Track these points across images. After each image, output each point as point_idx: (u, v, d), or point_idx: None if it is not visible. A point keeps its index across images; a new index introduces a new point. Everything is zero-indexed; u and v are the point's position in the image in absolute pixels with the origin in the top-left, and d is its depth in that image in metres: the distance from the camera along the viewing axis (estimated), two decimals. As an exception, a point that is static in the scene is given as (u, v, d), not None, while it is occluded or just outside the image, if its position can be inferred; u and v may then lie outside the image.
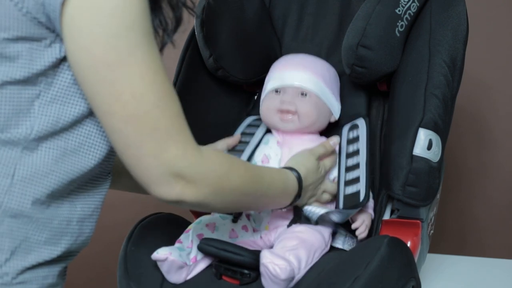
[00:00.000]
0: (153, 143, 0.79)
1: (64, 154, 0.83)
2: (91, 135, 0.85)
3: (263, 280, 1.02)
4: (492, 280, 1.36)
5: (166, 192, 0.82)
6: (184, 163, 0.82)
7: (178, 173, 0.81)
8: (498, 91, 1.86)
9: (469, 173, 1.91)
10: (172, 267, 1.06)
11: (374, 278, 0.98)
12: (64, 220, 0.85)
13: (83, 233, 0.88)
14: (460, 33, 1.23)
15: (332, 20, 1.43)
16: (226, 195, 0.90)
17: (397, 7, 1.24)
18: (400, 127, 1.18)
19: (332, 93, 1.29)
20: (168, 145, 0.80)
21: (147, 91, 0.78)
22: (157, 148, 0.80)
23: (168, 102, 0.81)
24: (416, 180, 1.13)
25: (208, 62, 1.36)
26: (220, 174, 0.88)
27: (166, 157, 0.80)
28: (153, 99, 0.79)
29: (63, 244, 0.85)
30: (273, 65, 1.35)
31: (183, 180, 0.82)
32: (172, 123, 0.81)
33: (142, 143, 0.79)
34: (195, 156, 0.83)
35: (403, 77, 1.23)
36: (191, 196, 0.84)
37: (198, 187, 0.84)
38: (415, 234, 1.16)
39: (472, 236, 1.94)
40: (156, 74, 0.79)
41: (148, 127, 0.79)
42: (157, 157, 0.80)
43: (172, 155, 0.81)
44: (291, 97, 1.25)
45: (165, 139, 0.80)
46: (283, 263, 1.00)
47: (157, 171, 0.81)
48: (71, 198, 0.86)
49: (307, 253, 1.07)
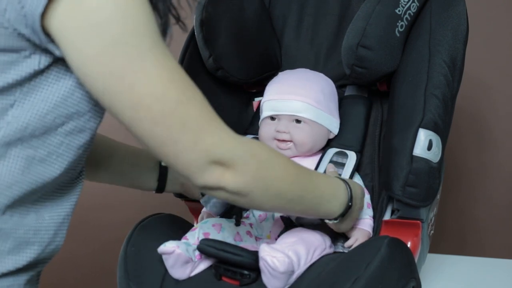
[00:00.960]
0: (187, 137, 0.79)
1: (31, 163, 0.80)
2: (62, 145, 0.82)
3: (263, 276, 1.02)
4: (492, 280, 1.36)
5: (206, 179, 0.82)
6: (221, 149, 0.82)
7: (217, 160, 0.82)
8: (498, 91, 1.87)
9: (469, 173, 1.91)
10: (178, 261, 1.07)
11: (374, 278, 0.98)
12: (31, 230, 0.83)
13: (53, 241, 0.86)
14: (460, 33, 1.22)
15: (332, 20, 1.43)
16: (268, 184, 0.88)
17: (397, 7, 1.24)
18: (400, 127, 1.17)
19: (329, 112, 1.29)
20: (202, 135, 0.80)
21: (168, 89, 0.78)
22: (191, 142, 0.80)
23: (190, 95, 0.81)
24: (416, 181, 1.13)
25: (208, 62, 1.36)
26: (261, 160, 0.86)
27: (202, 147, 0.80)
28: (176, 96, 0.79)
29: (29, 253, 0.83)
30: (268, 85, 1.34)
31: (223, 166, 0.82)
32: (200, 114, 0.81)
33: (175, 140, 0.79)
34: (233, 141, 0.83)
35: (403, 77, 1.23)
36: (231, 182, 0.83)
37: (238, 173, 0.83)
38: (415, 234, 1.16)
39: (472, 236, 1.94)
40: (172, 71, 0.79)
41: (178, 124, 0.79)
42: (193, 150, 0.80)
43: (208, 143, 0.81)
44: (285, 125, 1.26)
45: (197, 131, 0.80)
46: (281, 256, 1.00)
47: (196, 163, 0.81)
48: (36, 208, 0.84)
49: (306, 249, 1.07)
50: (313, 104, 1.26)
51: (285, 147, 1.27)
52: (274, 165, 0.89)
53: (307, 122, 1.26)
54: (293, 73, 1.36)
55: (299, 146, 1.26)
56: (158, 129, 0.79)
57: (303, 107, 1.26)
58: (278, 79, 1.34)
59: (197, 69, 1.39)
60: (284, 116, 1.27)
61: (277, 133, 1.27)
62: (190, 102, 0.80)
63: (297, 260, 1.04)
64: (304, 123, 1.26)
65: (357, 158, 1.27)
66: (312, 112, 1.26)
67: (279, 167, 0.90)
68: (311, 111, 1.26)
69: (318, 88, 1.29)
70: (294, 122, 1.26)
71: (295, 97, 1.26)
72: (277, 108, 1.27)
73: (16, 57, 0.77)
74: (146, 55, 0.76)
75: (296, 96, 1.26)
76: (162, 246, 1.07)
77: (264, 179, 0.87)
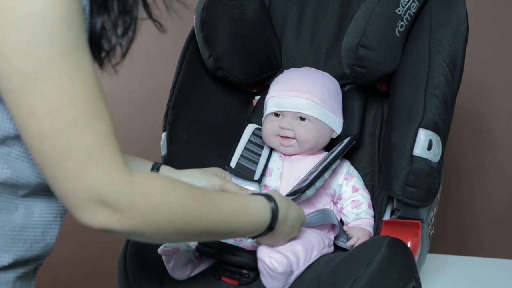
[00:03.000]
0: (71, 164, 0.72)
1: (7, 160, 0.78)
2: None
3: (262, 277, 1.02)
4: (492, 280, 1.36)
5: (89, 219, 0.75)
6: (107, 188, 0.73)
7: (102, 200, 0.73)
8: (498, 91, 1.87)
9: (469, 173, 1.91)
10: (178, 262, 1.07)
11: (374, 278, 0.98)
12: (17, 227, 0.81)
13: (41, 240, 0.84)
14: (460, 33, 1.22)
15: (331, 20, 1.43)
16: (163, 226, 0.79)
17: (397, 7, 1.24)
18: (400, 127, 1.17)
19: (332, 111, 1.29)
20: (88, 167, 0.72)
21: (66, 106, 0.71)
22: (75, 170, 0.72)
23: (92, 120, 0.72)
24: (416, 181, 1.13)
25: (208, 62, 1.37)
26: (154, 203, 0.77)
27: (85, 181, 0.72)
28: (73, 116, 0.71)
29: (15, 251, 0.80)
30: (273, 82, 1.34)
31: (108, 208, 0.74)
32: (94, 144, 0.73)
33: (58, 163, 0.72)
34: (122, 181, 0.74)
35: (403, 77, 1.23)
36: (118, 225, 0.75)
37: (126, 217, 0.75)
38: (415, 234, 1.16)
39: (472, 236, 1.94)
40: (80, 89, 0.72)
41: (65, 146, 0.71)
42: (75, 181, 0.72)
43: (93, 179, 0.72)
44: (289, 122, 1.26)
45: (84, 161, 0.72)
46: (280, 256, 1.00)
47: (77, 196, 0.73)
48: (28, 204, 0.82)
49: (304, 249, 1.07)
50: (317, 102, 1.26)
51: (288, 144, 1.27)
52: (171, 206, 0.79)
53: (311, 120, 1.26)
54: (299, 71, 1.36)
55: (302, 143, 1.26)
56: (44, 146, 0.71)
57: (308, 104, 1.25)
58: (283, 76, 1.34)
59: (197, 69, 1.39)
60: (288, 112, 1.27)
61: (281, 129, 1.27)
62: (88, 127, 0.72)
63: (296, 260, 1.04)
64: (308, 121, 1.26)
65: (349, 139, 1.27)
66: (317, 110, 1.26)
67: (177, 206, 0.80)
68: (316, 109, 1.26)
69: (323, 86, 1.29)
70: (298, 119, 1.26)
71: (300, 94, 1.26)
72: (282, 104, 1.27)
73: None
74: (55, 62, 0.70)
75: (301, 93, 1.26)
76: (162, 247, 1.07)
77: (158, 222, 0.78)
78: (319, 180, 1.19)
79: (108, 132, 0.74)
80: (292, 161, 1.28)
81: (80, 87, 0.72)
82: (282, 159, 1.29)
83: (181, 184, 0.83)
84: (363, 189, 1.27)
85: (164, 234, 0.80)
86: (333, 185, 1.26)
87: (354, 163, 1.31)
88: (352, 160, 1.32)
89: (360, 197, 1.25)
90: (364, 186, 1.28)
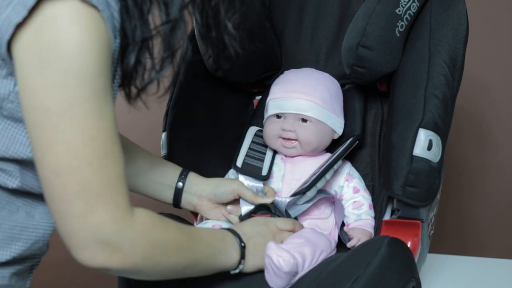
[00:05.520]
0: (80, 203, 0.75)
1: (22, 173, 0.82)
2: None
3: (266, 273, 1.02)
4: (492, 280, 1.36)
5: (89, 258, 0.78)
6: (111, 228, 0.77)
7: (104, 240, 0.77)
8: (498, 91, 1.87)
9: (469, 173, 1.91)
10: None
11: (374, 278, 0.98)
12: (18, 226, 0.83)
13: (40, 240, 0.86)
14: (460, 33, 1.22)
15: (331, 20, 1.43)
16: (159, 261, 0.84)
17: (397, 7, 1.24)
18: (400, 127, 1.17)
19: (334, 112, 1.28)
20: (96, 208, 0.76)
21: (84, 147, 0.74)
22: (83, 209, 0.75)
23: (106, 163, 0.76)
24: (416, 181, 1.13)
25: (208, 63, 1.36)
26: (153, 241, 0.82)
27: (92, 220, 0.76)
28: (89, 157, 0.75)
29: (13, 249, 0.83)
30: (274, 83, 1.33)
31: (109, 248, 0.77)
32: (105, 185, 0.76)
33: (68, 200, 0.75)
34: (125, 222, 0.78)
35: (403, 77, 1.23)
36: (118, 264, 0.79)
37: (126, 255, 0.79)
38: (415, 234, 1.16)
39: (472, 236, 1.94)
40: (100, 132, 0.75)
41: (77, 185, 0.75)
42: (82, 219, 0.76)
43: (99, 219, 0.76)
44: (291, 124, 1.25)
45: (93, 201, 0.75)
46: (287, 256, 1.01)
47: (80, 234, 0.76)
48: (27, 208, 0.84)
49: (312, 252, 1.07)
50: (319, 104, 1.26)
51: (290, 146, 1.27)
52: (166, 242, 0.85)
53: (312, 122, 1.26)
54: (300, 72, 1.35)
55: (304, 145, 1.26)
56: (57, 181, 0.75)
57: (309, 106, 1.25)
58: (284, 78, 1.34)
59: (197, 69, 1.39)
60: (290, 114, 1.26)
61: (283, 131, 1.26)
62: (101, 169, 0.76)
63: (302, 261, 1.04)
64: (310, 123, 1.26)
65: (352, 139, 1.26)
66: (318, 111, 1.26)
67: (171, 242, 0.86)
68: (317, 111, 1.25)
69: (324, 87, 1.29)
70: (300, 121, 1.26)
71: (301, 95, 1.26)
72: (283, 106, 1.27)
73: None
74: (81, 103, 0.74)
75: (303, 95, 1.26)
76: None
77: (155, 257, 0.83)
78: (320, 181, 1.19)
79: (119, 175, 0.78)
80: (294, 163, 1.27)
81: (100, 131, 0.75)
82: (284, 161, 1.29)
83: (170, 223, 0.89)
84: (364, 190, 1.27)
85: (159, 270, 0.85)
86: (334, 186, 1.26)
87: (354, 164, 1.31)
88: (352, 161, 1.32)
89: (361, 198, 1.25)
90: (365, 187, 1.28)
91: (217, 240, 0.98)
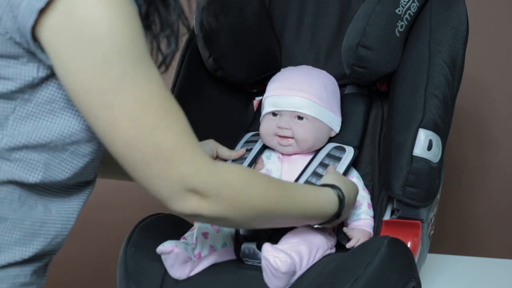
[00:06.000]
0: (159, 164, 0.79)
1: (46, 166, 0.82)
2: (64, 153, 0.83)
3: (265, 275, 1.02)
4: (492, 280, 1.36)
5: (181, 206, 0.82)
6: (196, 178, 0.81)
7: (192, 188, 0.81)
8: (498, 91, 1.87)
9: (469, 173, 1.91)
10: (176, 261, 1.07)
11: (374, 278, 0.98)
12: (38, 222, 0.84)
13: (59, 235, 0.88)
14: (460, 33, 1.23)
15: (331, 20, 1.43)
16: (246, 210, 0.88)
17: (397, 7, 1.24)
18: (400, 127, 1.18)
19: (331, 110, 1.28)
20: (175, 164, 0.80)
21: (144, 114, 0.77)
22: (164, 168, 0.79)
23: (168, 122, 0.80)
24: (416, 181, 1.13)
25: (208, 62, 1.36)
26: (236, 189, 0.86)
27: (175, 175, 0.80)
28: (152, 121, 0.78)
29: (35, 245, 0.84)
30: (271, 81, 1.33)
31: (198, 195, 0.82)
32: (176, 142, 0.80)
33: (148, 165, 0.79)
34: (208, 171, 0.83)
35: (403, 77, 1.23)
36: (208, 210, 0.83)
37: (214, 202, 0.83)
38: (415, 234, 1.16)
39: (472, 236, 1.94)
40: (152, 95, 0.78)
41: (151, 149, 0.78)
42: (166, 178, 0.80)
43: (182, 172, 0.80)
44: (287, 121, 1.25)
45: (170, 160, 0.79)
46: (284, 256, 1.00)
47: (169, 189, 0.81)
48: (44, 201, 0.85)
49: (308, 250, 1.07)
50: (315, 101, 1.26)
51: (286, 144, 1.26)
52: (252, 191, 0.88)
53: (309, 119, 1.25)
54: (296, 70, 1.35)
55: (301, 142, 1.26)
56: (132, 152, 0.78)
57: (305, 103, 1.25)
58: (280, 75, 1.34)
59: (197, 69, 1.39)
60: (286, 112, 1.26)
61: (279, 129, 1.26)
62: (166, 128, 0.79)
63: (299, 261, 1.04)
64: (306, 120, 1.25)
65: (354, 153, 1.26)
66: (314, 109, 1.25)
67: (258, 191, 0.89)
68: (313, 108, 1.25)
69: (321, 85, 1.29)
70: (296, 118, 1.26)
71: (297, 93, 1.26)
72: (279, 104, 1.27)
73: (14, 63, 0.77)
74: (128, 75, 0.76)
75: (299, 92, 1.26)
76: (160, 246, 1.07)
77: (242, 205, 0.87)
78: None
79: (184, 129, 0.82)
80: (291, 162, 1.27)
81: (152, 94, 0.78)
82: (280, 160, 1.28)
83: (257, 173, 0.96)
84: (363, 189, 1.26)
85: (247, 218, 0.89)
86: None
87: (353, 163, 1.31)
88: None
89: (360, 198, 1.24)
90: (364, 186, 1.28)
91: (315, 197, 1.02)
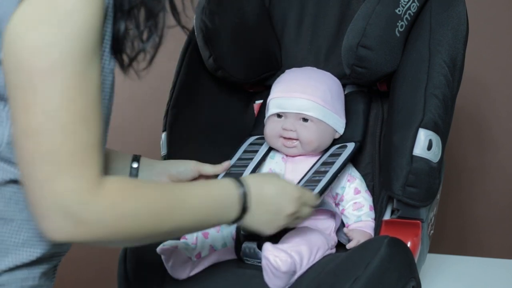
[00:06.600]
0: (47, 168, 0.71)
1: None
2: None
3: (265, 274, 1.03)
4: (492, 280, 1.36)
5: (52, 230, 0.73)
6: (74, 199, 0.72)
7: (67, 210, 0.72)
8: (498, 91, 1.87)
9: (469, 173, 1.91)
10: (177, 261, 1.07)
11: (374, 278, 0.98)
12: None
13: None
14: (460, 33, 1.23)
15: (332, 20, 1.43)
16: (132, 232, 0.78)
17: (397, 7, 1.24)
18: (400, 127, 1.18)
19: (335, 112, 1.28)
20: (62, 175, 0.72)
21: (61, 108, 0.71)
22: (48, 174, 0.72)
23: (81, 129, 0.73)
24: (416, 181, 1.13)
25: (208, 62, 1.36)
26: (122, 213, 0.76)
27: (55, 187, 0.72)
28: (64, 120, 0.71)
29: (43, 245, 0.81)
30: (276, 82, 1.33)
31: (72, 219, 0.73)
32: (76, 152, 0.72)
33: (35, 163, 0.72)
34: (91, 193, 0.73)
35: (403, 77, 1.23)
36: (83, 237, 0.74)
37: (91, 228, 0.74)
38: (415, 234, 1.16)
39: (472, 236, 1.94)
40: (80, 95, 0.72)
41: (46, 148, 0.71)
42: (46, 185, 0.72)
43: (63, 187, 0.72)
44: (292, 123, 1.25)
45: (60, 167, 0.72)
46: (284, 255, 1.01)
47: (43, 202, 0.72)
48: None
49: (308, 250, 1.07)
50: (320, 103, 1.25)
51: (291, 145, 1.26)
52: (139, 213, 0.78)
53: (313, 121, 1.25)
54: (301, 71, 1.35)
55: (305, 144, 1.26)
56: (27, 142, 0.72)
57: (310, 105, 1.25)
58: (285, 77, 1.34)
59: (197, 69, 1.39)
60: (291, 114, 1.26)
61: (284, 131, 1.26)
62: (75, 135, 0.72)
63: (300, 260, 1.04)
64: (311, 122, 1.25)
65: (354, 147, 1.26)
66: (319, 111, 1.25)
67: (145, 212, 0.79)
68: (318, 110, 1.25)
69: (326, 87, 1.29)
70: (301, 120, 1.26)
71: (302, 95, 1.26)
72: (284, 105, 1.27)
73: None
74: (65, 62, 0.71)
75: (304, 95, 1.26)
76: (161, 246, 1.07)
77: (126, 230, 0.77)
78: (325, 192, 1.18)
79: (93, 143, 0.74)
80: (295, 163, 1.27)
81: (81, 94, 0.73)
82: (284, 160, 1.28)
83: (149, 185, 0.84)
84: (365, 191, 1.26)
85: (133, 239, 0.80)
86: (337, 188, 1.26)
87: (354, 164, 1.31)
88: (352, 161, 1.31)
89: (362, 199, 1.24)
90: (366, 188, 1.27)
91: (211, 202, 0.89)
